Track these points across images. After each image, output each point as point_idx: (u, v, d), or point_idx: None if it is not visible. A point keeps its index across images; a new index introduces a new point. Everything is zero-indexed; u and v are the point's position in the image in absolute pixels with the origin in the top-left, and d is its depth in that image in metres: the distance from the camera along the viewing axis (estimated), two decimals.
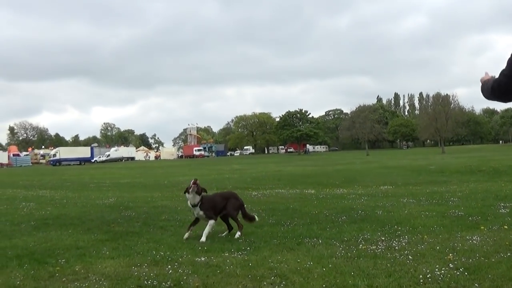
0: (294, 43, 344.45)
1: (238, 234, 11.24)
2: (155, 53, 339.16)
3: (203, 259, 8.87)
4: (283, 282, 7.16)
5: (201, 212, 11.24)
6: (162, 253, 9.42)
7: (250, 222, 11.93)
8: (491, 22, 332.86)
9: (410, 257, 8.37)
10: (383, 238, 10.31)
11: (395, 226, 11.80)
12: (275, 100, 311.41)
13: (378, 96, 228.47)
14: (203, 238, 10.73)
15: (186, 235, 11.09)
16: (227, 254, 9.34)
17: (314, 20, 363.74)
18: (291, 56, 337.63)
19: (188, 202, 11.32)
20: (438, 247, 9.07)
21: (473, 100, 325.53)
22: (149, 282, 7.34)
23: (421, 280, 6.96)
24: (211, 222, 11.19)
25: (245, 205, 12.22)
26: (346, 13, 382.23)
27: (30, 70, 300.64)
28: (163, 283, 7.27)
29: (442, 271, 7.32)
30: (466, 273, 7.21)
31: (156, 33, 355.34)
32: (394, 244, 9.61)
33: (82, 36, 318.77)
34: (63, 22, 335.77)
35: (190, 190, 11.12)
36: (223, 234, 11.57)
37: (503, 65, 4.39)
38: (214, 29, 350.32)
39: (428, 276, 7.08)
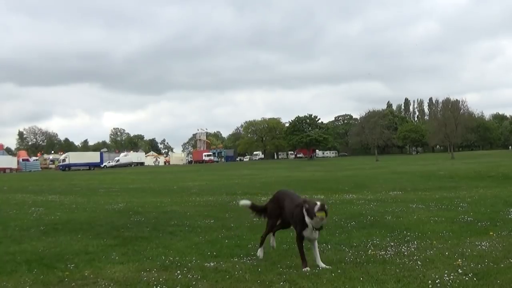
0: (305, 48, 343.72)
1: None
2: (167, 58, 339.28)
3: (212, 264, 8.89)
4: (292, 287, 7.17)
5: (318, 233, 8.81)
6: (171, 258, 9.45)
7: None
8: (502, 27, 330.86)
9: (419, 262, 8.36)
10: (392, 244, 10.30)
11: (404, 232, 11.79)
12: (285, 106, 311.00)
13: (388, 101, 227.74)
14: (322, 264, 8.59)
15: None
16: (236, 259, 9.35)
17: (326, 26, 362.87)
18: (302, 61, 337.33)
19: (311, 225, 8.44)
20: (447, 253, 9.05)
21: (482, 105, 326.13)
22: (159, 287, 7.35)
23: (430, 286, 6.95)
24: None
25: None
26: (357, 19, 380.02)
27: (42, 75, 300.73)
28: None
29: (451, 277, 7.31)
30: (475, 279, 7.19)
31: (168, 38, 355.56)
32: (403, 250, 9.61)
33: (95, 41, 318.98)
34: (75, 28, 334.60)
35: (319, 219, 8.35)
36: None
37: None
38: (226, 34, 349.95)
39: (437, 281, 7.07)
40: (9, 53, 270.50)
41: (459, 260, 8.43)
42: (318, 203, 8.32)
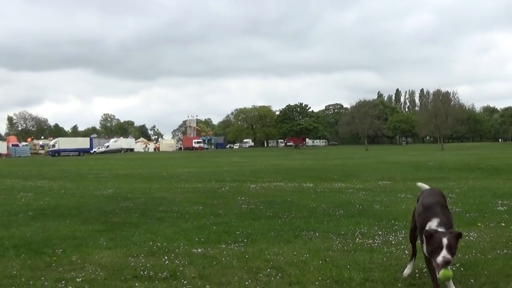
0: (299, 37, 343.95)
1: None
2: (161, 44, 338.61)
3: (199, 250, 8.89)
4: (279, 275, 7.17)
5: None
6: (159, 244, 9.44)
7: None
8: (496, 21, 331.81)
9: (406, 251, 8.39)
10: (380, 233, 10.34)
11: (392, 221, 11.83)
12: (277, 94, 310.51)
13: (379, 92, 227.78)
14: None
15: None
16: (224, 246, 9.35)
17: (320, 15, 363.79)
18: (295, 50, 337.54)
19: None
20: None
21: (474, 98, 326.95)
22: (146, 273, 7.35)
23: (417, 275, 6.98)
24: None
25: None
26: (352, 9, 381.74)
27: (34, 60, 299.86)
28: (160, 274, 7.27)
29: None
30: (462, 269, 7.23)
31: (163, 25, 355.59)
32: (390, 239, 9.65)
33: (89, 27, 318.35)
34: (70, 13, 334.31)
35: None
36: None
37: (506, 65, 4.45)
38: (220, 22, 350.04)
39: (424, 270, 7.09)
40: (2, 38, 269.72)
41: None
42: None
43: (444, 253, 5.65)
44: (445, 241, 5.72)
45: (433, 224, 6.16)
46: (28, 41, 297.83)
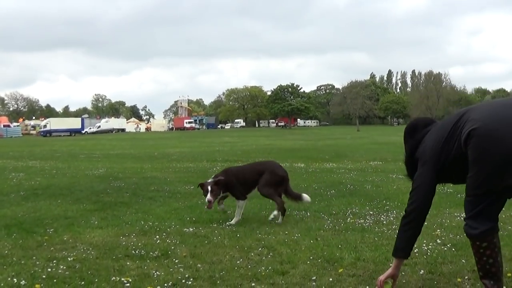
0: (292, 18, 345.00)
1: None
2: (153, 25, 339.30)
3: (191, 229, 8.90)
4: (271, 253, 7.18)
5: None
6: (151, 223, 9.45)
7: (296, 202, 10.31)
8: (489, 2, 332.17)
9: (397, 231, 8.40)
10: (371, 213, 10.36)
11: (384, 201, 11.85)
12: (270, 74, 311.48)
13: (372, 73, 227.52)
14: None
15: None
16: (215, 225, 9.38)
17: None
18: (288, 31, 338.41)
19: None
20: (426, 223, 9.02)
21: (466, 79, 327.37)
22: (137, 252, 7.35)
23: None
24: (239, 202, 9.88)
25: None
26: None
27: (26, 41, 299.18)
28: (151, 253, 7.27)
29: (430, 246, 7.34)
30: (453, 249, 7.23)
31: (156, 4, 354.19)
32: (382, 219, 9.66)
33: (81, 7, 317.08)
34: None
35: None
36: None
37: (499, 47, 4.54)
38: (214, 2, 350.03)
39: (415, 250, 7.07)
40: None
41: (437, 230, 8.47)
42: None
43: None
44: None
45: None
46: (20, 22, 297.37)
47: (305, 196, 10.13)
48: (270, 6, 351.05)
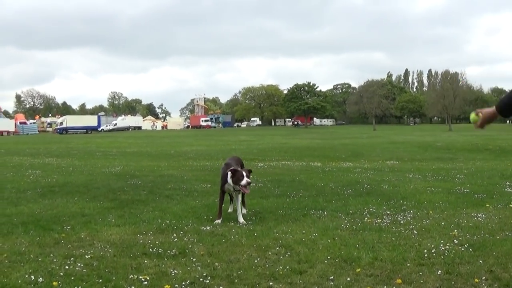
0: (309, 17, 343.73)
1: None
2: (172, 22, 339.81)
3: (208, 228, 8.91)
4: (288, 253, 7.18)
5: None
6: (168, 222, 9.46)
7: None
8: (506, 2, 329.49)
9: (415, 231, 8.37)
10: (388, 212, 10.32)
11: (401, 201, 11.80)
12: (287, 73, 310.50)
13: (389, 72, 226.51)
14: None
15: None
16: (232, 223, 9.38)
17: None
18: (306, 30, 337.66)
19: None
20: (443, 223, 9.06)
21: (483, 79, 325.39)
22: (154, 250, 7.36)
23: (426, 255, 6.94)
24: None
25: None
26: None
27: (44, 38, 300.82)
28: (168, 251, 7.28)
29: (447, 247, 7.31)
30: (470, 250, 7.19)
31: (175, 2, 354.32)
32: (399, 219, 9.62)
33: (99, 4, 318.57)
34: None
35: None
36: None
37: None
38: (232, 0, 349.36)
39: (432, 251, 7.07)
40: (12, 16, 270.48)
41: (455, 230, 8.43)
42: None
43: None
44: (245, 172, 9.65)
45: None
46: (38, 19, 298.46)
47: None
48: (288, 5, 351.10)
